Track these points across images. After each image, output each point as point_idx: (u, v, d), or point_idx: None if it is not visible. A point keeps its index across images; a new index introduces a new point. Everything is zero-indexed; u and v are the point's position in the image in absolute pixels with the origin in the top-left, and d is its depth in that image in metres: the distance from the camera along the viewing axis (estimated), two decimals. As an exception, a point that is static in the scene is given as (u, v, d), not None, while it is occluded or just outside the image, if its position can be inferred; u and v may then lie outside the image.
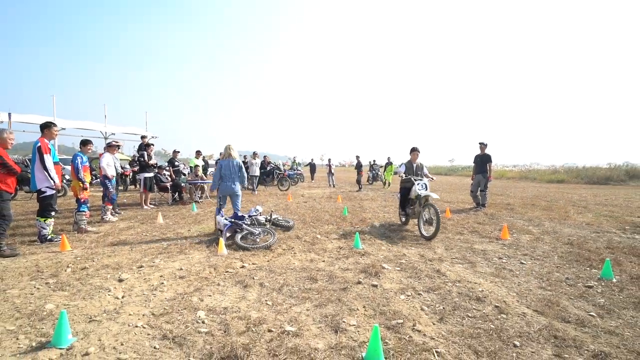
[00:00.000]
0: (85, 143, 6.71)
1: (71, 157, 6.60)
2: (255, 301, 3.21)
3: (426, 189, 6.25)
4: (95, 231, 6.26)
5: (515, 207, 9.88)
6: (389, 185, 18.73)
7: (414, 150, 6.82)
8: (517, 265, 4.36)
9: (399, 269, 4.17)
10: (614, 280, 3.77)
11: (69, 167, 6.96)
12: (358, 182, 16.85)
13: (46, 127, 5.32)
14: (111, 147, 7.66)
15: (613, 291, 3.48)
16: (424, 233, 5.77)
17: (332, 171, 19.16)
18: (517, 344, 2.46)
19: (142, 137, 9.80)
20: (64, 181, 11.05)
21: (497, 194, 13.91)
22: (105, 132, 27.00)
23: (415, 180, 6.39)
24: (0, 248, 4.59)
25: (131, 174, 14.93)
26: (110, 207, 7.36)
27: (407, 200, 6.63)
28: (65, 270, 4.01)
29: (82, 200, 6.24)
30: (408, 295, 3.35)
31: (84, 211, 6.25)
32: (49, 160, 5.13)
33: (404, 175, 6.65)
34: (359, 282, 3.68)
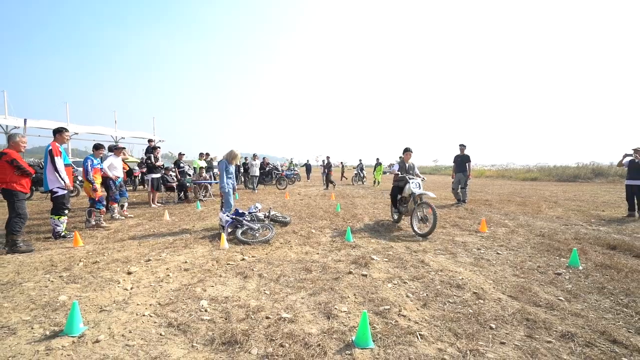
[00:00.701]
0: (97, 147, 6.69)
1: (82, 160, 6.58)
2: (254, 291, 3.20)
3: (420, 188, 6.01)
4: (107, 227, 6.21)
5: (492, 202, 9.96)
6: (378, 183, 18.76)
7: (407, 151, 6.60)
8: (493, 255, 4.40)
9: (386, 260, 4.18)
10: (580, 268, 3.81)
11: (81, 169, 6.91)
12: (328, 180, 16.26)
13: (58, 132, 5.25)
14: (116, 150, 7.58)
15: (579, 278, 3.52)
16: (417, 231, 5.51)
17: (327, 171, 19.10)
18: (493, 326, 2.49)
19: (149, 141, 9.73)
20: (76, 182, 10.94)
21: (477, 191, 14.00)
22: (116, 137, 26.74)
23: (410, 178, 6.13)
24: (17, 244, 4.53)
25: (140, 174, 14.81)
26: (116, 205, 7.26)
27: (401, 199, 6.36)
28: (78, 265, 3.96)
29: (97, 199, 6.22)
30: (395, 284, 3.37)
31: (99, 208, 6.23)
32: (59, 162, 5.07)
33: (399, 174, 6.43)
34: (350, 272, 3.69)
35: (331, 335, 2.35)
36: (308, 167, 24.77)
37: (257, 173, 14.50)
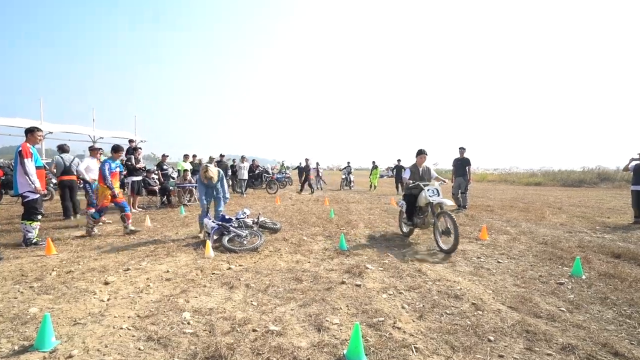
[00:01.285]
0: (116, 150, 6.55)
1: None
2: (240, 302, 3.20)
3: (438, 195, 5.45)
4: (98, 234, 6.14)
5: (494, 208, 10.09)
6: (375, 188, 18.83)
7: (420, 153, 6.10)
8: (494, 264, 4.46)
9: (382, 269, 4.21)
10: (583, 277, 3.89)
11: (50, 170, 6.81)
12: (307, 184, 16.39)
13: (30, 132, 5.21)
14: (93, 151, 7.48)
15: (582, 288, 3.59)
16: (443, 246, 5.06)
17: (320, 174, 19.09)
18: (492, 338, 2.52)
19: (130, 141, 9.68)
20: (51, 185, 10.79)
21: (478, 196, 14.16)
22: (94, 136, 26.44)
23: (425, 185, 5.64)
24: None
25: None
26: (93, 210, 7.19)
27: (415, 209, 5.76)
28: (51, 274, 3.91)
29: (98, 208, 6.16)
30: (390, 294, 3.39)
31: (96, 218, 6.12)
32: (29, 164, 5.01)
33: (410, 182, 5.92)
34: (343, 282, 3.71)
35: (321, 349, 2.37)
36: (300, 170, 24.84)
37: (246, 176, 14.47)
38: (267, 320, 2.81)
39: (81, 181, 7.88)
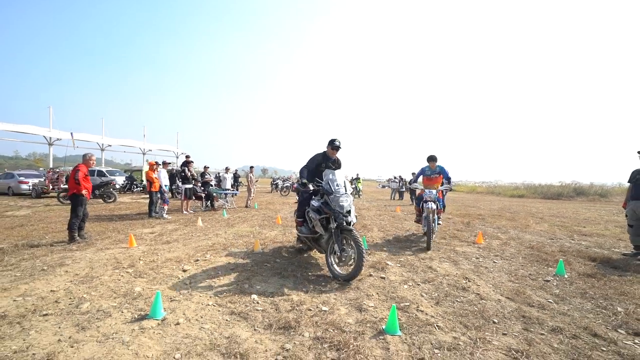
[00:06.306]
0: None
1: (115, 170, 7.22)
2: (292, 287, 3.52)
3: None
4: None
5: (485, 217, 10.25)
6: (359, 196, 19.78)
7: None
8: (490, 263, 4.69)
9: (399, 265, 4.50)
10: (566, 276, 4.11)
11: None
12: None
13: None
14: (165, 164, 8.03)
15: (565, 284, 3.82)
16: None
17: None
18: (496, 321, 2.79)
19: (187, 156, 10.18)
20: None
21: (470, 206, 14.29)
22: (144, 149, 27.41)
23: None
24: (80, 235, 5.44)
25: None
26: (166, 207, 7.69)
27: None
28: (139, 262, 4.31)
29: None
30: (410, 285, 3.68)
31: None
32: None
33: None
34: (370, 275, 4.00)
35: (365, 325, 2.67)
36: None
37: (229, 186, 14.57)
38: (317, 302, 3.12)
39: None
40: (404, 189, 19.38)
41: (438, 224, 6.15)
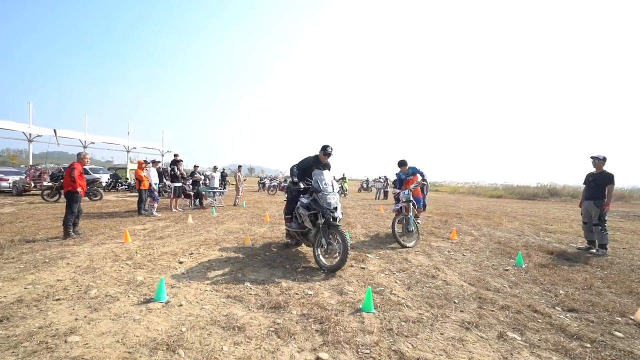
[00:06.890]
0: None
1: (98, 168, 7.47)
2: (281, 276, 3.92)
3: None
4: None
5: (463, 216, 10.91)
6: (345, 195, 20.46)
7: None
8: (460, 256, 5.22)
9: (378, 258, 4.96)
10: (523, 266, 4.67)
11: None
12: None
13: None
14: (154, 163, 8.22)
15: (521, 273, 4.37)
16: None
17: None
18: (456, 301, 3.28)
19: (175, 155, 10.37)
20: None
21: (450, 206, 15.01)
22: (128, 146, 27.04)
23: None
24: (74, 231, 5.64)
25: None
26: (155, 204, 7.90)
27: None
28: (136, 255, 4.60)
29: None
30: (386, 274, 4.14)
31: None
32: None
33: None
34: (352, 266, 4.44)
35: (345, 305, 3.11)
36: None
37: (217, 184, 14.83)
38: (304, 287, 3.54)
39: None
40: (388, 189, 20.04)
41: (417, 222, 6.65)
